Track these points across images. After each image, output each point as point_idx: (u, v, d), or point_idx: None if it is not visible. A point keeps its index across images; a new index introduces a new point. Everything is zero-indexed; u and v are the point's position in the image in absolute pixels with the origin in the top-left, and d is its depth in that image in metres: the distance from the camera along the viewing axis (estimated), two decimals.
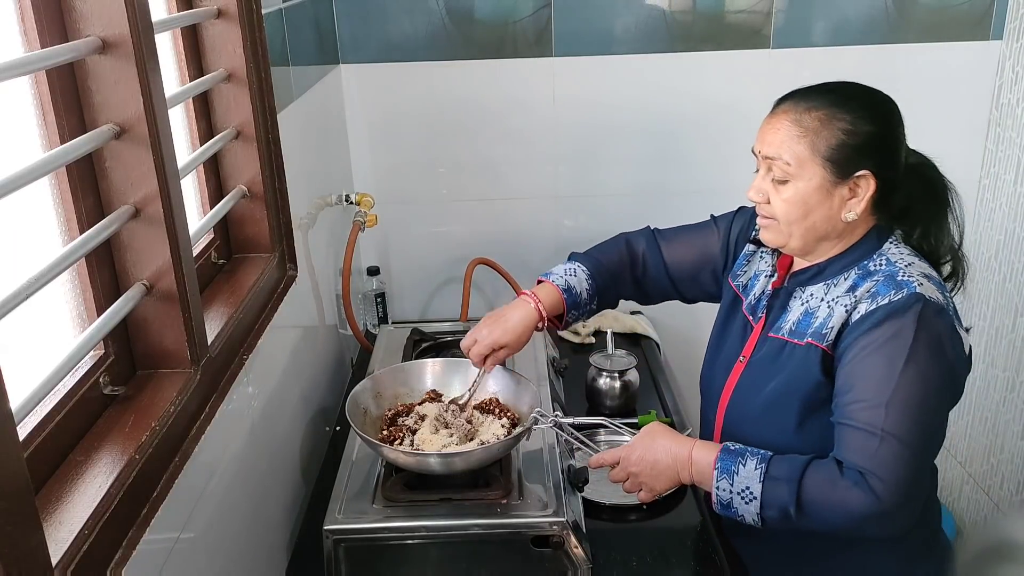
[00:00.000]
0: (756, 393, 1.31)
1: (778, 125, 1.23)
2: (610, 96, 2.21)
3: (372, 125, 2.23)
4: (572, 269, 1.52)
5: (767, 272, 1.38)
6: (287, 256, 1.54)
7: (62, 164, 0.90)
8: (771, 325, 1.33)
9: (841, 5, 2.14)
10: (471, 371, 1.52)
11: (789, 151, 1.21)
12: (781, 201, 1.23)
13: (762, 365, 1.32)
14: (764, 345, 1.33)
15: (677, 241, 1.55)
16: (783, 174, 1.22)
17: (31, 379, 0.83)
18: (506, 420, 1.42)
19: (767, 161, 1.24)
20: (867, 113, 1.22)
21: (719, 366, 1.41)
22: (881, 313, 1.17)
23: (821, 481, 1.16)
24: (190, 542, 1.05)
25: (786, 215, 1.24)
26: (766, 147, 1.24)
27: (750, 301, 1.39)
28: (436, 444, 1.36)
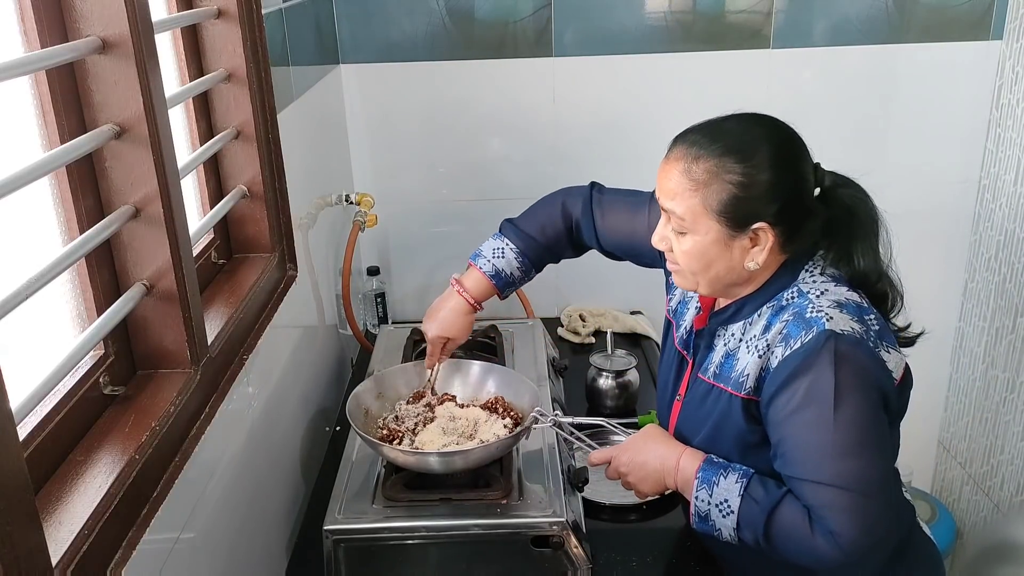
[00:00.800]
0: (692, 435, 1.29)
1: (670, 174, 1.18)
2: (610, 96, 2.21)
3: (372, 125, 2.23)
4: (500, 249, 1.52)
5: (695, 302, 1.35)
6: (287, 256, 1.54)
7: (62, 164, 0.90)
8: (699, 365, 1.30)
9: (841, 5, 2.14)
10: (473, 370, 1.52)
11: (682, 205, 1.16)
12: (682, 252, 1.19)
13: (694, 407, 1.29)
14: (694, 386, 1.30)
15: (612, 213, 1.50)
16: (679, 227, 1.18)
17: (31, 379, 0.83)
18: (509, 420, 1.42)
19: (663, 210, 1.20)
20: (759, 160, 1.14)
21: (663, 402, 1.41)
22: (796, 359, 1.12)
23: (791, 521, 1.14)
24: (190, 542, 1.05)
25: (688, 265, 1.20)
26: (662, 196, 1.19)
27: (681, 335, 1.37)
28: (436, 443, 1.36)
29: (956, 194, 2.34)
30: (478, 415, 1.45)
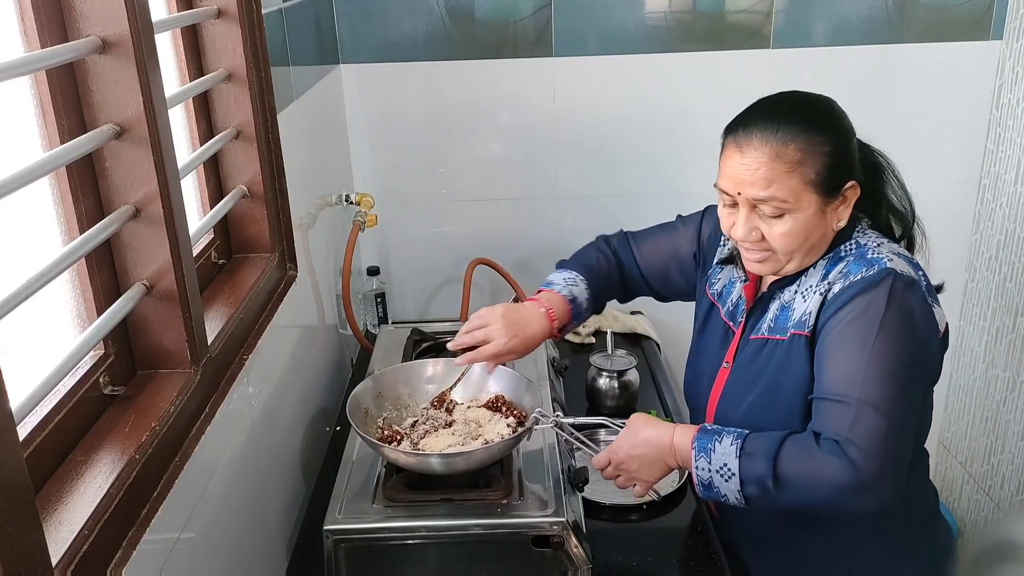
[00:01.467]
0: (742, 394, 1.31)
1: (755, 164, 1.20)
2: (610, 96, 2.21)
3: (372, 125, 2.23)
4: (572, 279, 1.52)
5: (741, 278, 1.39)
6: (287, 256, 1.54)
7: (62, 164, 0.90)
8: (751, 328, 1.33)
9: (841, 5, 2.14)
10: (474, 369, 1.51)
11: (782, 188, 1.19)
12: (779, 235, 1.22)
13: (746, 366, 1.32)
14: (746, 348, 1.33)
15: (648, 242, 1.57)
16: (777, 210, 1.20)
17: (31, 379, 0.83)
18: (512, 419, 1.42)
19: (754, 201, 1.21)
20: (836, 127, 1.23)
21: (702, 374, 1.41)
22: (854, 288, 1.19)
23: (798, 453, 1.16)
24: (190, 542, 1.05)
25: (787, 246, 1.23)
26: (750, 189, 1.20)
27: (728, 308, 1.39)
28: (439, 444, 1.36)
29: (956, 194, 2.34)
30: (480, 415, 1.45)
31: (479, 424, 1.42)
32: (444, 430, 1.41)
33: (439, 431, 1.40)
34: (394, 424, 1.45)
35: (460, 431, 1.39)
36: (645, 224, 2.36)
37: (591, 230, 2.31)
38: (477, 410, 1.46)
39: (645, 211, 2.30)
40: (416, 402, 1.52)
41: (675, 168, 2.27)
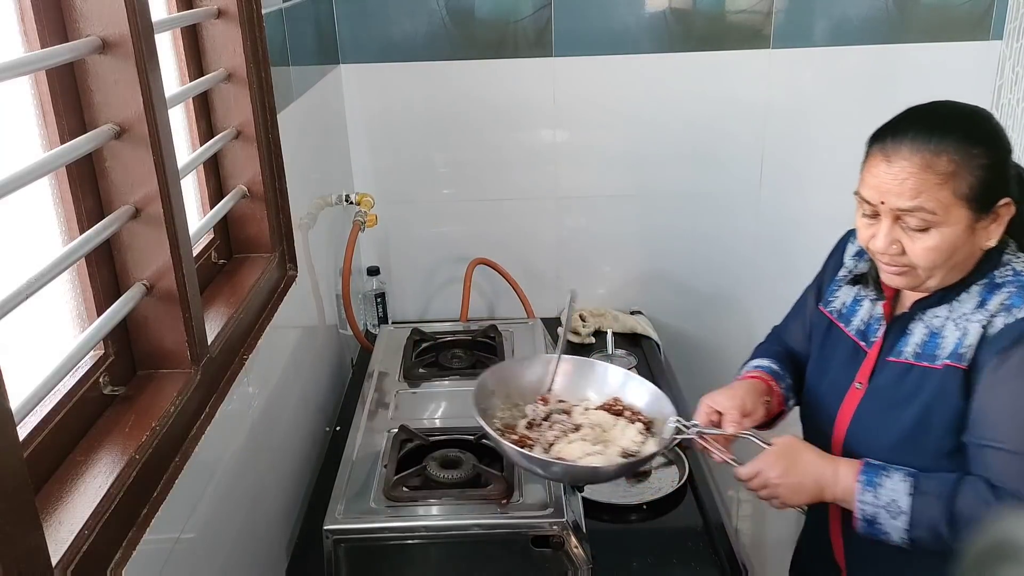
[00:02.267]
0: (886, 421, 1.24)
1: (903, 174, 1.13)
2: (610, 96, 2.21)
3: (372, 125, 2.23)
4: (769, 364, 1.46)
5: (871, 296, 1.32)
6: (287, 256, 1.54)
7: (62, 164, 0.90)
8: (889, 349, 1.26)
9: (841, 5, 2.14)
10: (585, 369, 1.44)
11: (931, 200, 1.12)
12: (922, 249, 1.15)
13: (887, 391, 1.25)
14: (884, 370, 1.26)
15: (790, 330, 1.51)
16: (923, 223, 1.14)
17: (31, 379, 0.83)
18: (639, 423, 1.34)
19: (898, 212, 1.15)
20: (992, 139, 1.16)
21: (826, 394, 1.35)
22: (1018, 328, 1.12)
23: (975, 500, 1.11)
24: (190, 542, 1.05)
25: (930, 262, 1.16)
26: (895, 199, 1.14)
27: (857, 326, 1.32)
28: (574, 452, 1.28)
29: None
30: (602, 418, 1.36)
31: (604, 429, 1.34)
32: (573, 435, 1.32)
33: (569, 436, 1.32)
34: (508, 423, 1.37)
35: (589, 436, 1.31)
36: (646, 223, 2.37)
37: (591, 230, 2.33)
38: (595, 413, 1.37)
39: (645, 211, 2.31)
40: (523, 399, 1.42)
41: (675, 168, 2.27)
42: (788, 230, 2.32)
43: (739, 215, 2.31)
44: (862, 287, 1.35)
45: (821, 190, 2.26)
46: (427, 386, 1.70)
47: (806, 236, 2.34)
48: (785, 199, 2.29)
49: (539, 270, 2.34)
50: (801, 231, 2.31)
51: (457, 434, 1.49)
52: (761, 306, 2.40)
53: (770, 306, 2.39)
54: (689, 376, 2.35)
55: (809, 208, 2.29)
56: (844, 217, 2.30)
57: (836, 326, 1.36)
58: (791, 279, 2.36)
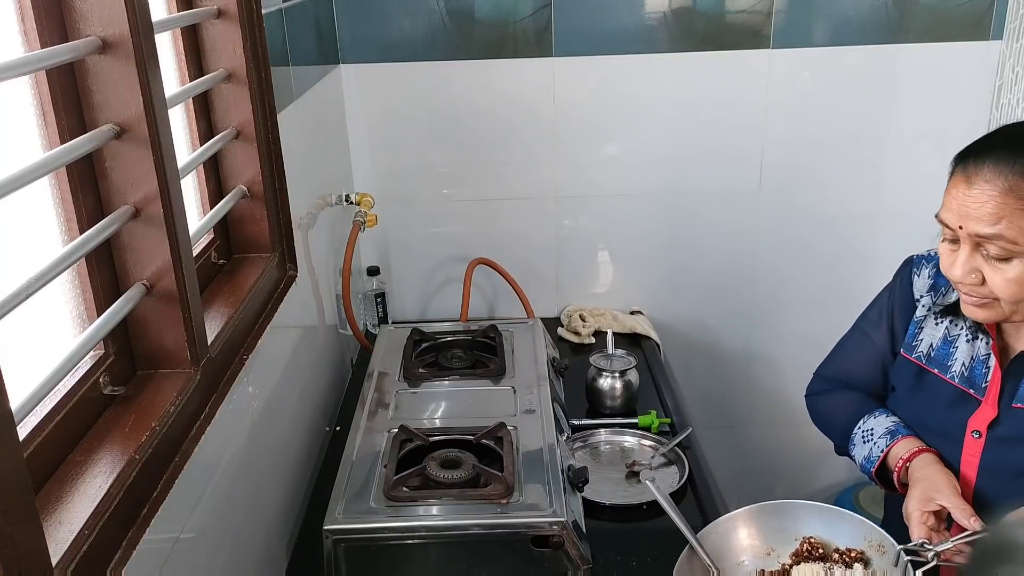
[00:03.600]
0: (1016, 463, 1.18)
1: (983, 197, 1.07)
2: (610, 96, 2.21)
3: (372, 125, 2.23)
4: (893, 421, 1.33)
5: (966, 336, 1.24)
6: (287, 256, 1.54)
7: (62, 164, 0.90)
8: (1013, 395, 1.18)
9: (841, 5, 2.14)
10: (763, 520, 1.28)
11: (1012, 228, 1.06)
12: (1005, 280, 1.09)
13: (1013, 438, 1.18)
14: (1010, 418, 1.18)
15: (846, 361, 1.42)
16: (1005, 252, 1.08)
17: (31, 379, 0.83)
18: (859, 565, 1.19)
19: (977, 238, 1.09)
20: None
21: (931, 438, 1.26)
22: None
23: None
24: (190, 542, 1.05)
25: (1012, 294, 1.10)
26: (975, 224, 1.08)
27: (959, 372, 1.24)
28: None
29: None
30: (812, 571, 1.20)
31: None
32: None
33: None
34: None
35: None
36: (645, 223, 2.36)
37: (591, 230, 2.33)
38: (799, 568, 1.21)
39: (645, 211, 2.31)
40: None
41: (675, 168, 2.27)
42: (788, 230, 2.32)
43: (739, 215, 2.31)
44: (951, 321, 1.26)
45: (821, 190, 2.26)
46: (427, 386, 1.70)
47: (806, 236, 2.35)
48: (785, 199, 2.29)
49: (539, 270, 2.34)
50: (801, 231, 2.31)
51: (457, 434, 1.49)
52: (761, 306, 2.40)
53: (770, 306, 2.40)
54: (689, 376, 2.36)
55: (809, 208, 2.29)
56: (844, 217, 2.31)
57: (929, 373, 1.27)
58: (791, 279, 2.37)
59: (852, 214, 2.28)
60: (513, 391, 1.66)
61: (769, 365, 2.43)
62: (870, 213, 2.27)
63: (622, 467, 1.65)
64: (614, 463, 1.67)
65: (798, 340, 2.35)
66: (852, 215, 2.28)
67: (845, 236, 2.30)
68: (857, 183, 2.26)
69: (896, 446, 1.28)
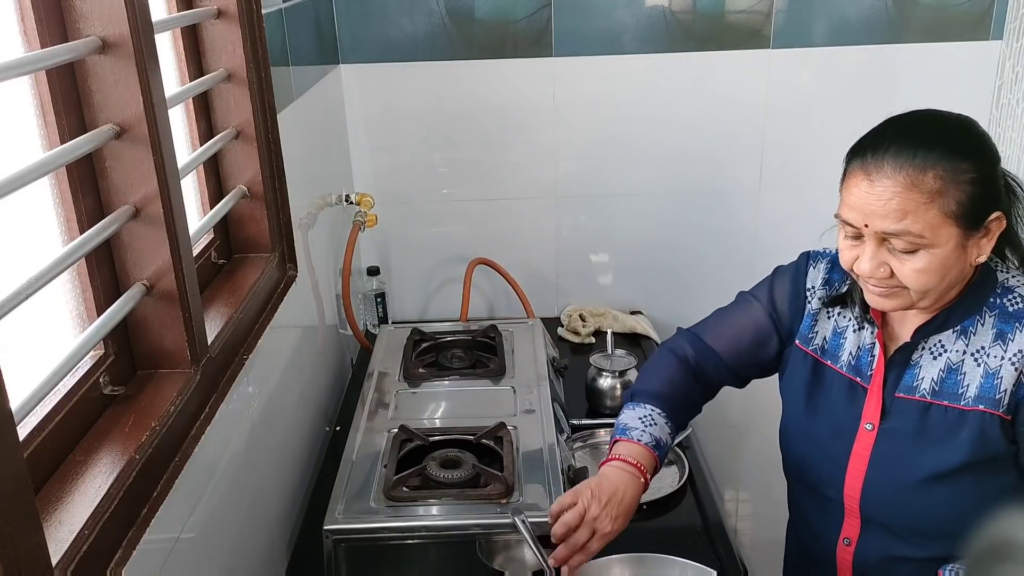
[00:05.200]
0: (904, 466, 1.18)
1: (886, 194, 1.06)
2: (610, 96, 2.21)
3: (372, 125, 2.23)
4: (649, 417, 1.32)
5: (853, 326, 1.24)
6: (287, 256, 1.54)
7: (62, 164, 0.90)
8: (896, 384, 1.19)
9: (841, 5, 2.14)
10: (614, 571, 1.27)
11: (918, 222, 1.05)
12: (912, 271, 1.08)
13: (902, 432, 1.18)
14: (894, 408, 1.19)
15: (722, 331, 1.39)
16: (913, 244, 1.07)
17: (31, 379, 0.83)
18: None
19: (883, 235, 1.08)
20: (980, 151, 1.09)
21: (829, 439, 1.25)
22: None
23: None
24: (190, 542, 1.05)
25: (922, 284, 1.09)
26: (880, 221, 1.07)
27: (847, 361, 1.24)
28: None
29: None
30: None
31: None
32: None
33: None
34: None
35: None
36: (645, 223, 2.36)
37: (591, 230, 2.33)
38: None
39: (645, 211, 2.31)
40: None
41: (675, 168, 2.27)
42: (788, 230, 2.31)
43: (739, 215, 2.31)
44: (839, 313, 1.27)
45: (821, 190, 2.25)
46: (427, 386, 1.70)
47: (806, 236, 2.34)
48: (785, 199, 2.29)
49: (539, 270, 2.34)
50: (801, 231, 2.30)
51: (457, 434, 1.49)
52: None
53: None
54: None
55: (809, 208, 2.28)
56: None
57: (823, 364, 1.27)
58: None
59: None
60: (513, 391, 1.66)
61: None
62: None
63: None
64: None
65: None
66: None
67: None
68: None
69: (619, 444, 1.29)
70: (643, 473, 1.25)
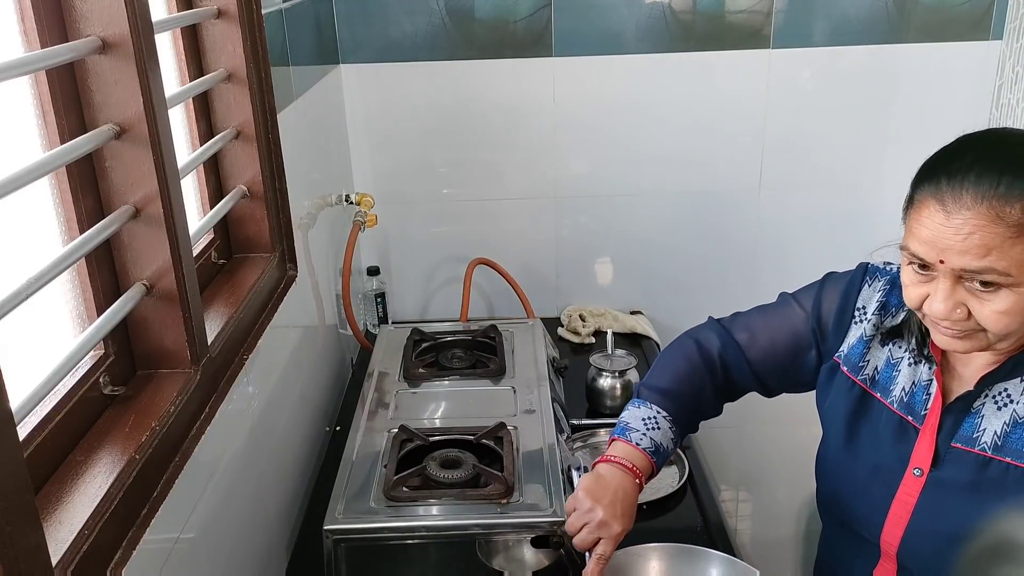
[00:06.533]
0: (954, 520, 1.07)
1: (966, 227, 0.94)
2: (610, 96, 2.21)
3: (372, 125, 2.23)
4: (652, 419, 1.26)
5: (909, 359, 1.14)
6: (287, 256, 1.54)
7: (62, 164, 0.90)
8: (953, 432, 1.08)
9: (841, 5, 2.14)
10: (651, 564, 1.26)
11: (1003, 259, 0.93)
12: (994, 313, 0.96)
13: (954, 485, 1.07)
14: (949, 457, 1.08)
15: (757, 330, 1.29)
16: (998, 282, 0.95)
17: (31, 379, 0.83)
18: None
19: (962, 272, 0.96)
20: None
21: (868, 475, 1.16)
22: None
23: None
24: (190, 542, 1.05)
25: (1003, 327, 0.97)
26: (958, 258, 0.95)
27: (899, 396, 1.13)
28: None
29: None
30: None
31: None
32: None
33: None
34: None
35: None
36: (645, 223, 2.36)
37: (591, 230, 2.33)
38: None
39: (645, 211, 2.31)
40: None
41: (675, 168, 2.27)
42: (788, 230, 2.32)
43: (739, 215, 2.31)
44: (894, 343, 1.17)
45: (821, 190, 2.26)
46: (427, 386, 1.70)
47: (806, 236, 2.35)
48: (785, 199, 2.29)
49: (539, 270, 2.34)
50: (801, 231, 2.31)
51: (457, 434, 1.49)
52: None
53: None
54: None
55: (809, 208, 2.29)
56: (844, 217, 2.31)
57: (871, 396, 1.17)
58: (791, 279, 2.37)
59: (852, 214, 2.28)
60: (513, 391, 1.66)
61: None
62: (870, 213, 2.27)
63: None
64: None
65: None
66: (852, 215, 2.28)
67: (845, 236, 2.30)
68: (857, 183, 2.26)
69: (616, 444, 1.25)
70: (638, 476, 1.21)
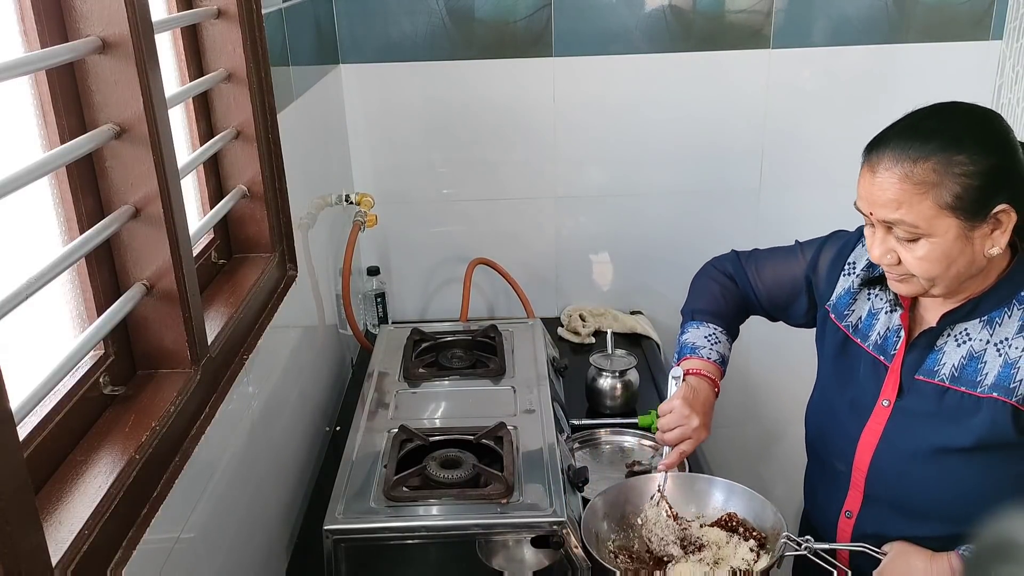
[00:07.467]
0: (914, 442, 1.22)
1: (884, 184, 1.12)
2: (610, 96, 2.21)
3: (372, 125, 2.23)
4: (713, 336, 1.47)
5: (886, 308, 1.29)
6: (287, 256, 1.54)
7: (62, 164, 0.90)
8: (916, 366, 1.23)
9: (841, 5, 2.14)
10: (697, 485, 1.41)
11: (911, 213, 1.10)
12: (915, 259, 1.13)
13: (917, 412, 1.22)
14: (912, 388, 1.23)
15: (767, 267, 1.50)
16: (911, 234, 1.12)
17: (31, 379, 0.83)
18: (752, 541, 1.31)
19: (886, 223, 1.14)
20: (981, 144, 1.10)
21: (848, 412, 1.31)
22: None
23: None
24: (190, 542, 1.05)
25: (925, 272, 1.14)
26: (880, 210, 1.13)
27: (875, 340, 1.29)
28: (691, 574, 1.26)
29: None
30: (716, 535, 1.33)
31: (718, 546, 1.32)
32: (692, 557, 1.30)
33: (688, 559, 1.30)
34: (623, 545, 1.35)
35: (707, 558, 1.29)
36: (645, 223, 2.37)
37: (591, 230, 2.33)
38: (709, 530, 1.34)
39: (645, 211, 2.31)
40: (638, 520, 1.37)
41: (675, 168, 2.27)
42: (788, 230, 2.30)
43: (739, 215, 2.31)
44: (876, 295, 1.32)
45: (821, 190, 2.26)
46: (427, 386, 1.70)
47: (806, 236, 2.34)
48: (785, 199, 2.29)
49: (539, 270, 2.34)
50: (801, 231, 2.30)
51: (457, 434, 1.49)
52: None
53: None
54: None
55: (809, 208, 2.29)
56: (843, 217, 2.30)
57: (853, 342, 1.33)
58: None
59: (852, 214, 2.28)
60: (513, 391, 1.66)
61: (769, 364, 2.43)
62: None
63: (622, 467, 1.65)
64: (614, 463, 1.67)
65: (798, 339, 2.34)
66: (852, 215, 2.28)
67: None
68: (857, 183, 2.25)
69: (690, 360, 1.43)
70: (716, 387, 1.41)
